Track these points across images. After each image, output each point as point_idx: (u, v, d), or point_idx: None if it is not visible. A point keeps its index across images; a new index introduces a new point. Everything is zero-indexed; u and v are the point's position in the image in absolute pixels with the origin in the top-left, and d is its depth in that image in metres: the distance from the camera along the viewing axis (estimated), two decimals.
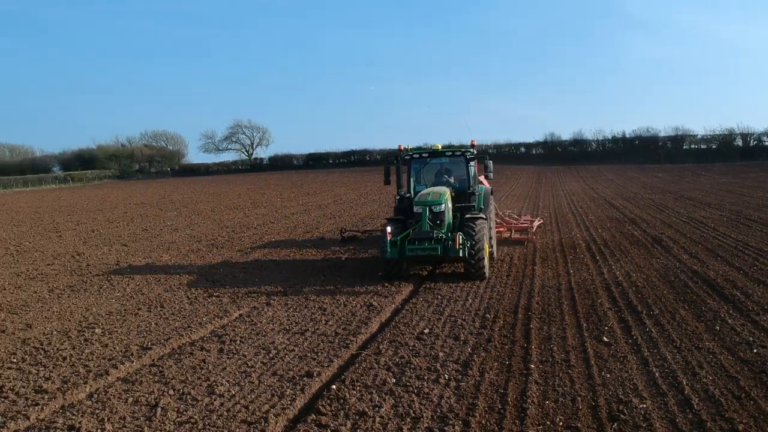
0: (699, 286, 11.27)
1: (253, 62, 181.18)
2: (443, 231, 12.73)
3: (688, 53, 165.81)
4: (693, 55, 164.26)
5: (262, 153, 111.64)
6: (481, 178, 15.67)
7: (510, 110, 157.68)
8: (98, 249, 19.91)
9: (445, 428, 5.90)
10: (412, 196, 14.18)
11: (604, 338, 8.49)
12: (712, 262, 13.32)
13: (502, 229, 18.19)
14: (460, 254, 12.20)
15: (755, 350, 7.71)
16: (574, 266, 13.79)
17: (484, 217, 13.57)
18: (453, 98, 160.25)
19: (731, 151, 70.66)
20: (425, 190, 13.76)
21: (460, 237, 12.18)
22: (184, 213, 32.41)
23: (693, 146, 76.32)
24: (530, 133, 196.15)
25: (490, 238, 14.05)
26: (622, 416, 6.01)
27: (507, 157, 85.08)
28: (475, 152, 14.57)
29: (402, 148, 15.02)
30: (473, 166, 14.65)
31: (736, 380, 6.79)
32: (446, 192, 13.50)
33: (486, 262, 12.75)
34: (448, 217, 13.29)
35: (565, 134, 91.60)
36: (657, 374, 7.07)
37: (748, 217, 20.32)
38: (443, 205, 13.03)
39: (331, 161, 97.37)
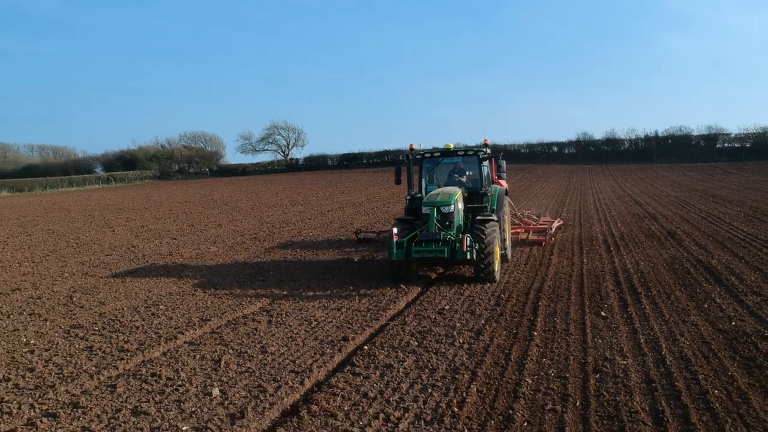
0: (699, 272, 12.31)
1: (289, 64, 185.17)
2: (451, 233, 12.36)
3: (724, 51, 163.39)
4: (729, 53, 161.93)
5: (298, 153, 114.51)
6: (495, 177, 15.91)
7: (543, 110, 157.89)
8: (150, 242, 21.67)
9: (456, 377, 7.20)
10: (424, 196, 13.75)
11: (602, 313, 9.67)
12: (718, 252, 14.29)
13: (519, 230, 18.18)
14: (468, 257, 11.79)
15: (733, 323, 8.81)
16: (589, 256, 14.89)
17: (495, 218, 13.10)
18: (488, 98, 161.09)
19: (766, 150, 69.99)
20: (435, 191, 13.38)
21: (468, 239, 11.79)
22: (225, 210, 34.24)
23: (726, 145, 75.76)
24: (563, 133, 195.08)
25: (503, 234, 13.92)
26: (604, 369, 7.24)
27: (539, 156, 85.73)
28: (489, 152, 14.39)
29: (413, 147, 14.75)
30: (486, 166, 14.41)
31: (709, 345, 7.94)
32: (457, 192, 13.07)
33: (496, 265, 12.37)
34: (458, 218, 12.90)
35: (598, 133, 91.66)
36: (642, 340, 8.25)
37: (765, 213, 21.01)
38: (452, 206, 12.59)
39: (364, 161, 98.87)
